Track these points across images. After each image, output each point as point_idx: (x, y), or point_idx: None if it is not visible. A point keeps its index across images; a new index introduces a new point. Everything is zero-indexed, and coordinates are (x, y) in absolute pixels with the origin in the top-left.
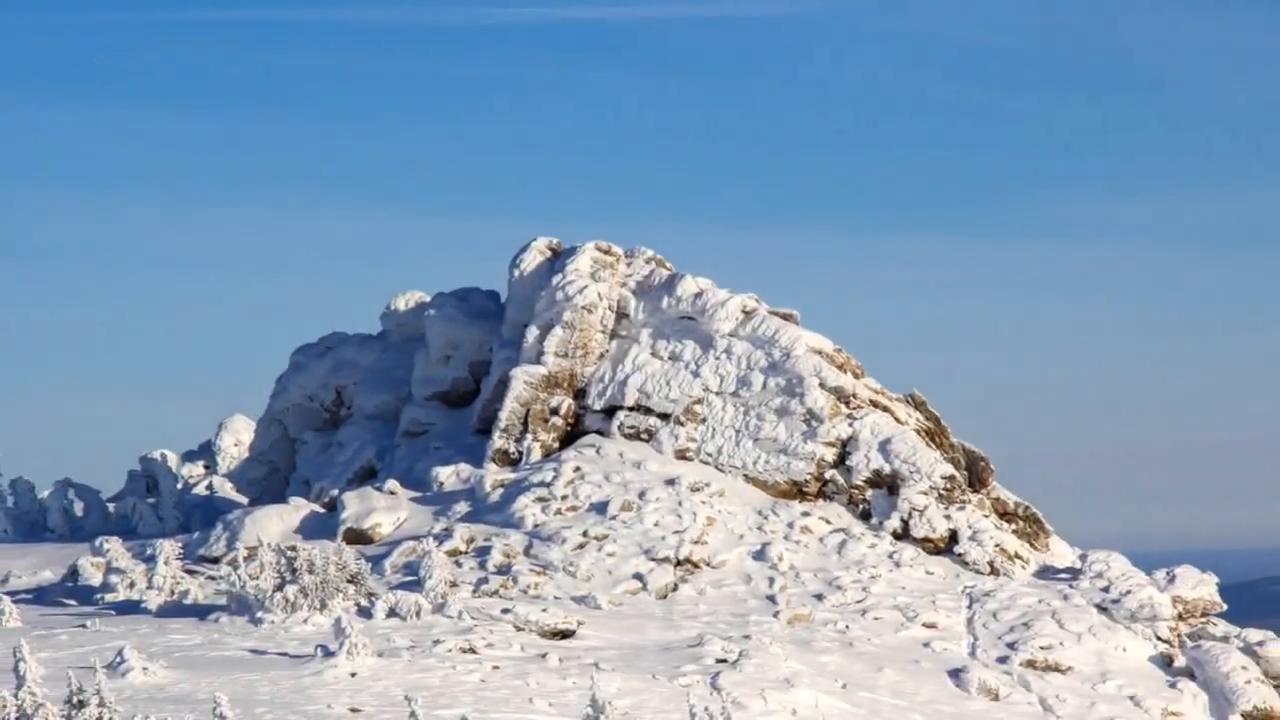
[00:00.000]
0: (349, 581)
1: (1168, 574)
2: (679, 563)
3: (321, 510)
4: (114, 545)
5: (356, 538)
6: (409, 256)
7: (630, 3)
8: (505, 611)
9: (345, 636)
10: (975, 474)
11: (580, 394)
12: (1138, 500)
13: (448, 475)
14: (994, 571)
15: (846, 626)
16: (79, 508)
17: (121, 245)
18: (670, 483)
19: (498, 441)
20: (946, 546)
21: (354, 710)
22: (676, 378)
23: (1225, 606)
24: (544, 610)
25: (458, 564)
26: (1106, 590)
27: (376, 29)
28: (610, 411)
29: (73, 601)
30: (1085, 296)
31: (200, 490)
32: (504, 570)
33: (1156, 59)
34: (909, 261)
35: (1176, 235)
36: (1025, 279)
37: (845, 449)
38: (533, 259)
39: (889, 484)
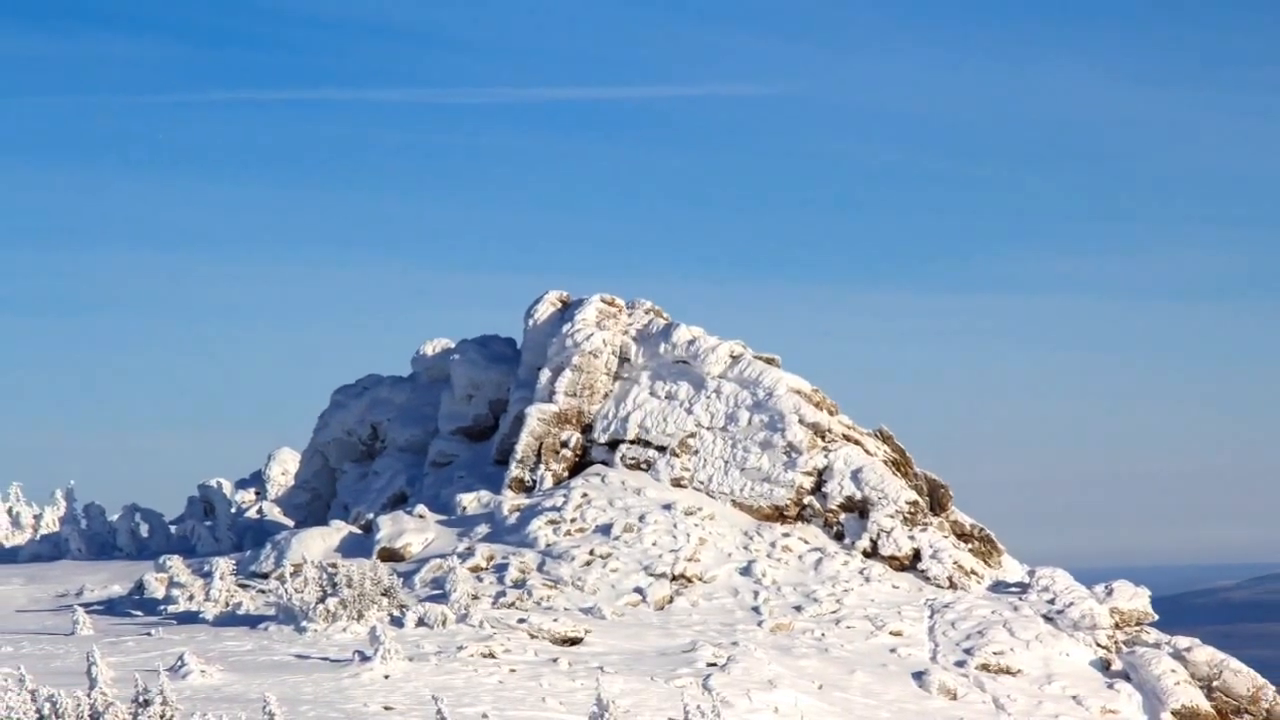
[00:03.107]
0: (383, 594)
1: (1106, 588)
2: (674, 578)
3: (359, 532)
4: (175, 563)
5: (390, 556)
6: (436, 307)
7: (634, 84)
8: (521, 621)
9: (380, 643)
10: (936, 499)
11: (587, 429)
12: (1080, 522)
13: (470, 501)
14: (952, 586)
15: (822, 634)
16: (145, 529)
17: (185, 298)
18: (667, 507)
19: (514, 471)
20: (910, 564)
21: (387, 708)
22: (672, 415)
23: (1157, 617)
24: (555, 620)
25: (479, 579)
26: (1052, 602)
27: (408, 107)
28: (614, 444)
29: (139, 612)
30: (1034, 344)
31: (251, 514)
32: (520, 585)
33: (1100, 133)
34: (878, 312)
35: (1115, 289)
36: (981, 328)
37: (821, 478)
38: (545, 310)
39: (860, 508)
